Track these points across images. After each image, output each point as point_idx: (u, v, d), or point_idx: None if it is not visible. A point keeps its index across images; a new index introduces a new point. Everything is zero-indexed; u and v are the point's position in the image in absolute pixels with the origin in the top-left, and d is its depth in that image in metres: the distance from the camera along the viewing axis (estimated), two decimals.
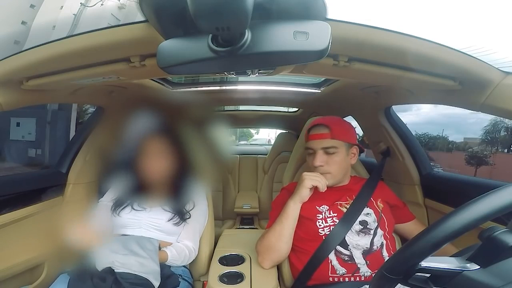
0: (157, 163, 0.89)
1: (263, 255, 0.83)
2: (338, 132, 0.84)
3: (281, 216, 0.82)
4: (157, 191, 0.94)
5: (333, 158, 0.83)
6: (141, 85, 1.00)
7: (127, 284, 0.68)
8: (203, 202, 1.00)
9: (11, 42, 6.77)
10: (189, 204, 0.95)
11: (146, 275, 0.71)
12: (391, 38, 0.55)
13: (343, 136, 0.85)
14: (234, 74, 0.84)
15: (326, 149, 0.83)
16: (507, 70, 0.66)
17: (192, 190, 0.97)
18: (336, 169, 0.85)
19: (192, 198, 0.96)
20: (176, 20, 0.41)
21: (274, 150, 2.07)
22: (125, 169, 0.93)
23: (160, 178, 0.91)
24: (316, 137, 0.85)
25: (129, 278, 0.70)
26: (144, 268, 0.72)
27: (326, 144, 0.83)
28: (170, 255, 0.85)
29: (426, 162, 1.12)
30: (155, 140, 0.91)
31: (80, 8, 6.84)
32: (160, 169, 0.90)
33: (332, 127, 0.84)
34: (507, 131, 15.57)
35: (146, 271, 0.72)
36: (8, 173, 1.19)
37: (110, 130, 1.16)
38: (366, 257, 0.76)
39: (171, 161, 0.91)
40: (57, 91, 0.84)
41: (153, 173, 0.90)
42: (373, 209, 0.83)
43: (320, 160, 0.83)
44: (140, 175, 0.91)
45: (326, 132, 0.84)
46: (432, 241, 0.37)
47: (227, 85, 1.38)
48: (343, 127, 0.87)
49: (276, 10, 0.38)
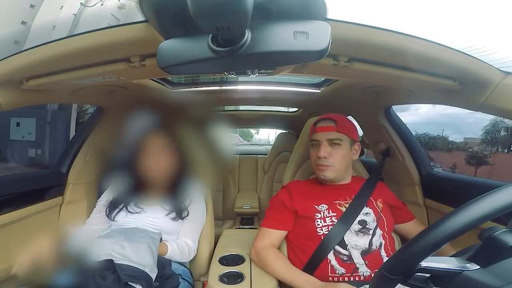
0: (158, 160, 0.89)
1: (255, 261, 0.86)
2: (343, 126, 0.86)
3: (289, 275, 0.76)
4: (156, 189, 0.94)
5: (337, 150, 0.84)
6: (141, 85, 1.01)
7: (124, 276, 0.68)
8: (200, 201, 1.01)
9: (11, 42, 6.77)
10: (186, 201, 0.95)
11: (143, 267, 0.71)
12: (391, 38, 0.55)
13: (348, 131, 0.86)
14: (234, 74, 0.84)
15: (331, 140, 0.84)
16: (507, 70, 0.66)
17: (190, 188, 0.97)
18: (339, 163, 0.85)
19: (190, 196, 0.97)
20: (176, 20, 0.41)
21: (274, 150, 2.06)
22: (125, 167, 0.93)
23: (161, 175, 0.91)
24: (323, 129, 0.86)
25: (126, 270, 0.70)
26: (140, 258, 0.73)
27: (332, 136, 0.84)
28: (170, 248, 0.85)
29: (426, 162, 1.12)
30: (156, 138, 0.91)
31: (80, 8, 6.84)
32: (160, 166, 0.90)
33: (338, 121, 0.86)
34: (507, 131, 15.57)
35: (142, 262, 0.72)
36: (8, 173, 1.19)
37: (110, 130, 1.16)
38: (365, 257, 0.76)
39: (172, 159, 0.92)
40: (57, 91, 0.84)
41: (154, 170, 0.90)
42: (372, 208, 0.83)
43: (324, 151, 0.83)
44: (139, 173, 0.91)
45: (332, 125, 0.85)
46: (432, 241, 0.37)
47: (227, 85, 1.38)
48: (348, 123, 0.89)
49: (276, 10, 0.38)
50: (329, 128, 0.86)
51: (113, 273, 0.70)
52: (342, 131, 0.85)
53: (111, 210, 0.90)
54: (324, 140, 0.85)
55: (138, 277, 0.70)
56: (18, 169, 5.74)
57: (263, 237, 0.87)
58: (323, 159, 0.84)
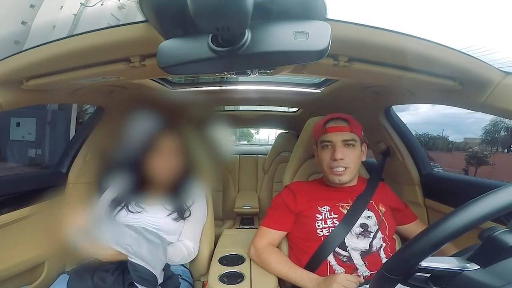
0: (168, 161, 0.90)
1: (255, 260, 0.86)
2: (355, 126, 0.84)
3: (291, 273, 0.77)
4: (159, 189, 0.94)
5: (352, 152, 0.81)
6: (141, 85, 1.01)
7: (136, 277, 0.69)
8: (202, 200, 1.01)
9: (11, 42, 6.77)
10: (188, 201, 0.95)
11: (155, 272, 0.71)
12: (391, 38, 0.55)
13: (359, 131, 0.85)
14: (234, 74, 0.84)
15: (346, 141, 0.81)
16: (507, 70, 0.66)
17: (192, 188, 0.97)
18: (355, 164, 0.83)
19: (192, 196, 0.97)
20: (176, 20, 0.41)
21: (274, 150, 2.07)
22: (128, 166, 0.94)
23: (169, 176, 0.92)
24: (336, 130, 0.83)
25: (140, 271, 0.70)
26: (155, 262, 0.73)
27: (347, 137, 0.81)
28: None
29: (426, 162, 1.12)
30: (167, 139, 0.92)
31: (80, 8, 6.84)
32: (170, 166, 0.91)
33: (350, 121, 0.84)
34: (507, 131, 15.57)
35: (156, 266, 0.72)
36: (8, 173, 1.19)
37: (110, 130, 1.16)
38: (364, 258, 0.76)
39: (180, 160, 0.93)
40: (57, 91, 0.84)
41: (163, 170, 0.90)
42: (374, 212, 0.83)
43: (341, 152, 0.79)
44: (146, 173, 0.91)
45: (346, 125, 0.83)
46: (432, 241, 0.37)
47: (227, 85, 1.38)
48: (357, 123, 0.87)
49: (276, 10, 0.38)
50: (343, 128, 0.82)
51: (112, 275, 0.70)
52: (355, 131, 0.83)
53: (111, 208, 0.90)
54: (338, 141, 0.81)
55: (149, 280, 0.70)
56: (18, 169, 5.74)
57: (263, 236, 0.87)
58: (339, 161, 0.80)
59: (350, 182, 0.87)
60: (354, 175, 0.86)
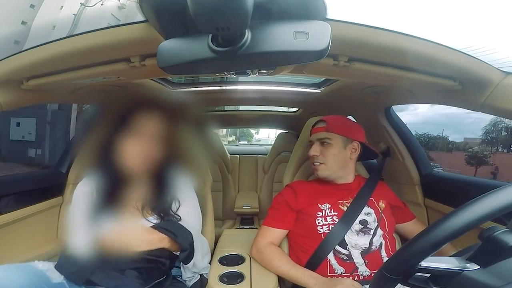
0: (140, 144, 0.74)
1: (256, 259, 0.86)
2: (333, 126, 0.89)
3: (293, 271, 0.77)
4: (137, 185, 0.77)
5: (328, 149, 0.88)
6: (141, 85, 1.00)
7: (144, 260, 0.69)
8: (190, 199, 0.85)
9: (11, 42, 6.77)
10: (175, 203, 0.79)
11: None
12: (391, 38, 0.55)
13: (338, 130, 0.89)
14: (234, 74, 0.84)
15: (321, 140, 0.89)
16: (507, 70, 0.66)
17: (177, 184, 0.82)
18: (331, 161, 0.87)
19: (178, 196, 0.81)
20: (176, 20, 0.41)
21: (274, 150, 2.06)
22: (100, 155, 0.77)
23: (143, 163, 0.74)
24: (315, 130, 0.93)
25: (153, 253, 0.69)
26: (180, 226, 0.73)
27: (321, 136, 0.90)
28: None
29: (426, 162, 1.12)
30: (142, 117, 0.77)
31: (80, 8, 6.84)
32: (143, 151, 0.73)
33: (328, 122, 0.90)
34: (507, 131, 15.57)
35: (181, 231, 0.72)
36: (8, 173, 1.19)
37: (110, 129, 1.15)
38: (365, 256, 0.77)
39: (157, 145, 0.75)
40: (57, 91, 0.84)
41: (135, 156, 0.73)
42: (373, 208, 0.84)
43: (314, 149, 0.89)
44: (116, 160, 0.74)
45: (323, 125, 0.91)
46: (432, 241, 0.37)
47: (227, 85, 1.38)
48: (342, 123, 0.92)
49: (276, 10, 0.38)
50: (319, 129, 0.91)
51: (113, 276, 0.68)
52: (331, 130, 0.88)
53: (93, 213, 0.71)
54: (315, 140, 0.91)
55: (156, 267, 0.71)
56: (18, 169, 5.73)
57: (265, 235, 0.87)
58: (314, 157, 0.89)
59: (342, 179, 0.90)
60: (336, 171, 0.89)
